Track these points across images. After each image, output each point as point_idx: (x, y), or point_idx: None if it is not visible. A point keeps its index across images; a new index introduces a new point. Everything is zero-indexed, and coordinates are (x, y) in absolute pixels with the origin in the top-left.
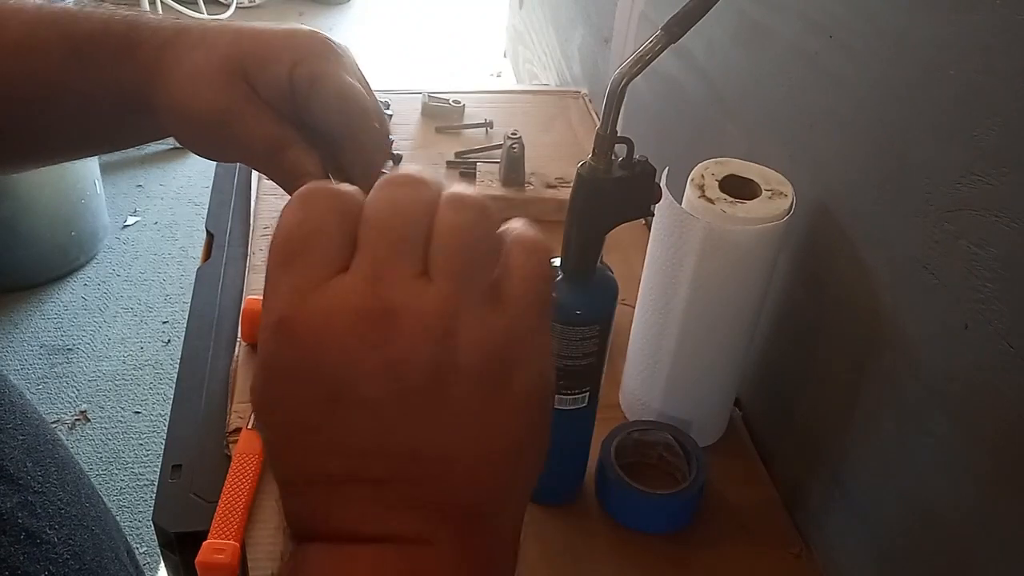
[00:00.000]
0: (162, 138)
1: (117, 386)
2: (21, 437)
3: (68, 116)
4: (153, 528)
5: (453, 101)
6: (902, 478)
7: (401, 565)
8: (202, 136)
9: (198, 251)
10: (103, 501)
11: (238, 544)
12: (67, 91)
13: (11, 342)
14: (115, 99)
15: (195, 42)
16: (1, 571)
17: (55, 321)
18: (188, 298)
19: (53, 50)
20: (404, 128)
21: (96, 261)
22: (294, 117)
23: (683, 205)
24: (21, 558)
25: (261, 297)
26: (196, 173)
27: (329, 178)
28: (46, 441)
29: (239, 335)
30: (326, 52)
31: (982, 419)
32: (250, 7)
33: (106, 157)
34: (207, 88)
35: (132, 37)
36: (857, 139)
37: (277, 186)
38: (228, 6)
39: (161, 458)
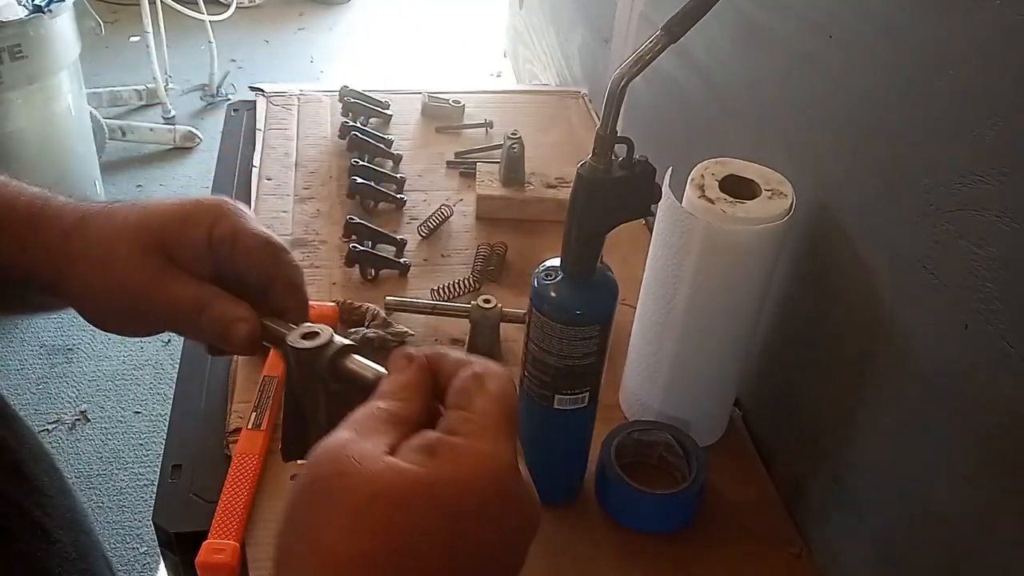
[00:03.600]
0: (59, 310)
1: (117, 386)
2: (27, 444)
3: None
4: (153, 528)
5: (453, 101)
6: (902, 477)
7: None
8: (122, 312)
9: None
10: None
11: (238, 544)
12: None
13: (11, 342)
14: (13, 278)
15: (100, 227)
16: (21, 564)
17: (55, 321)
18: None
19: None
20: (404, 128)
21: None
22: (212, 275)
23: (683, 205)
24: (39, 554)
25: None
26: (196, 173)
27: (262, 321)
28: (44, 452)
29: None
30: (235, 211)
31: (982, 419)
32: (250, 7)
33: (106, 157)
34: (123, 267)
35: (35, 223)
36: (857, 139)
37: (277, 187)
38: (228, 6)
39: (161, 458)
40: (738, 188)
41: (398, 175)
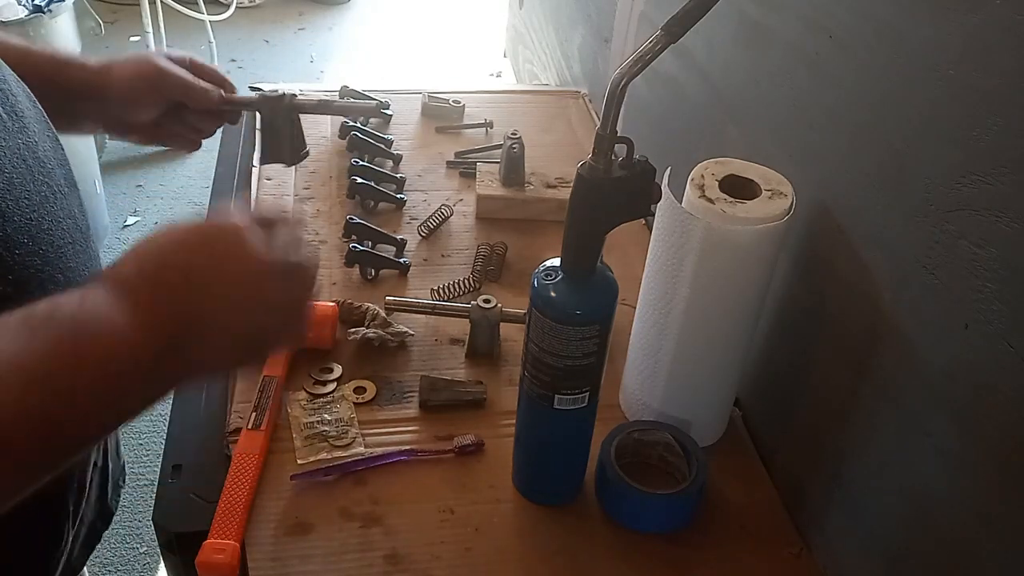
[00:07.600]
0: (94, 125)
1: None
2: None
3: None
4: (153, 528)
5: (453, 101)
6: (902, 478)
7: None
8: (147, 90)
9: None
10: None
11: (238, 544)
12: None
13: None
14: (76, 89)
15: (124, 57)
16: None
17: None
18: None
19: (44, 61)
20: (404, 128)
21: None
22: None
23: (683, 205)
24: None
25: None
26: (196, 173)
27: (227, 95)
28: None
29: None
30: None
31: (982, 419)
32: (250, 7)
33: (106, 157)
34: (149, 64)
35: (79, 62)
36: (857, 139)
37: (276, 188)
38: (228, 6)
39: (161, 458)
40: (738, 188)
41: (398, 175)
